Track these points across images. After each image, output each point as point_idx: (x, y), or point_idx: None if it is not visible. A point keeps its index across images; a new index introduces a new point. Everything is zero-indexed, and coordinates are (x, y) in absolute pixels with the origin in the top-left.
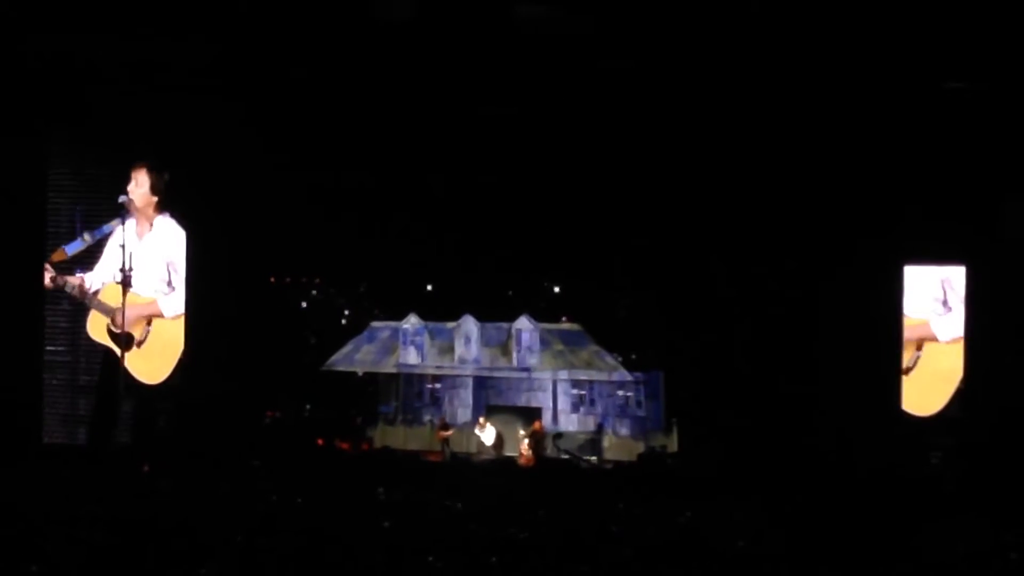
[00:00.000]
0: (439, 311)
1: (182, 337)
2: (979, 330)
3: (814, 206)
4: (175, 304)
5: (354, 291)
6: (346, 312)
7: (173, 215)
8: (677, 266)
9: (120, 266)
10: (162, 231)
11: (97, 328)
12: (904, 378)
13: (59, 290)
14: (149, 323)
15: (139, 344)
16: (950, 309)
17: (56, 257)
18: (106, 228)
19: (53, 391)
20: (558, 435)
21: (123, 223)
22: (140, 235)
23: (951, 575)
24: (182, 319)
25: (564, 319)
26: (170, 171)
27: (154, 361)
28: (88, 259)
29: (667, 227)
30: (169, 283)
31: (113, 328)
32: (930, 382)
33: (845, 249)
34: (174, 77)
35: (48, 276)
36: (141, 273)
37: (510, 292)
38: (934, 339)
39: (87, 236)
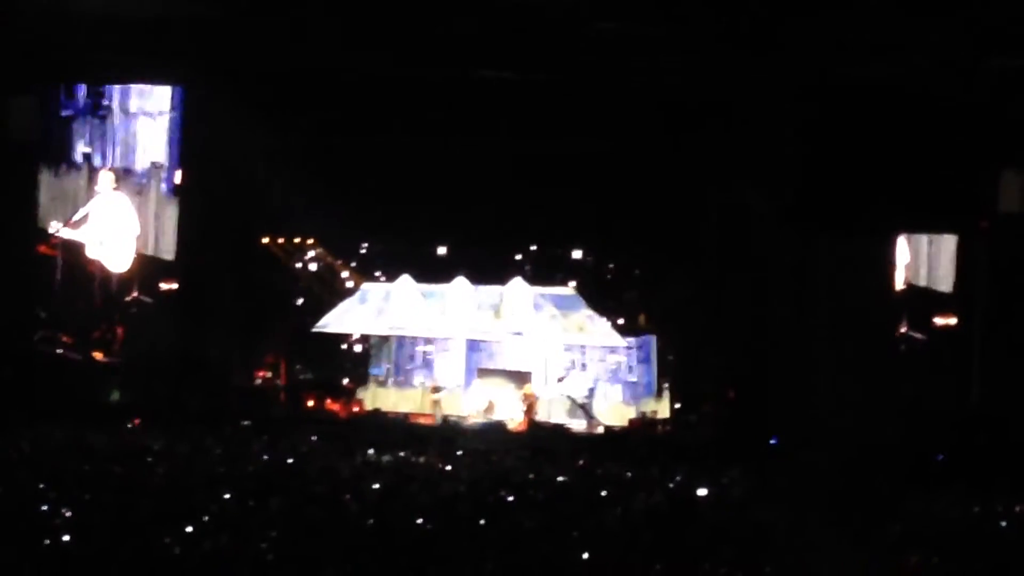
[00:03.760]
0: (433, 273)
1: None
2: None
3: (809, 175)
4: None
5: (351, 253)
6: (343, 274)
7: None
8: (670, 230)
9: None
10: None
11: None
12: None
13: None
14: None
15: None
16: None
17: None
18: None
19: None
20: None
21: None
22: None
23: (940, 539)
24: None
25: (571, 283)
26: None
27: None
28: None
29: (662, 190)
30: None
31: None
32: None
33: (839, 217)
34: (171, 40)
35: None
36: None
37: (518, 256)
38: None
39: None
